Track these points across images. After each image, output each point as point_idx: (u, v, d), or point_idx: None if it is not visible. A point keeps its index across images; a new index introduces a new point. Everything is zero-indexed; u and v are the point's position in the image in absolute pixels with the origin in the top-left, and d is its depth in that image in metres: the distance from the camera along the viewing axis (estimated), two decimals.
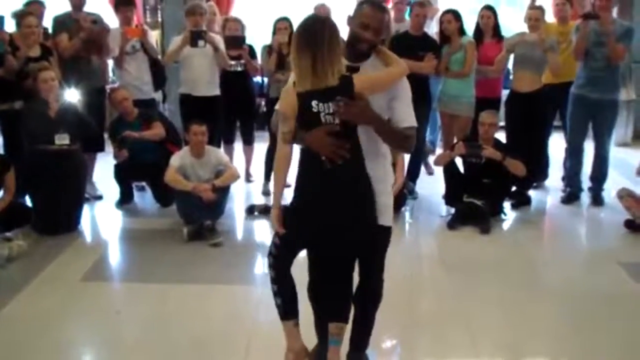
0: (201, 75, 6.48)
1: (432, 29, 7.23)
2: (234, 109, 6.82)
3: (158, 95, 7.29)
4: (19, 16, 5.94)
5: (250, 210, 6.13)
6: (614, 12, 6.55)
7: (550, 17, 7.52)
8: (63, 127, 5.53)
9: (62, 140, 5.52)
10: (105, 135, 6.55)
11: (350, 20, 3.01)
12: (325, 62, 2.79)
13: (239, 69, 6.77)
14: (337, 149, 2.84)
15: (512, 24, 8.35)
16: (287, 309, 3.16)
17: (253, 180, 7.15)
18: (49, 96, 5.52)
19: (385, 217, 3.08)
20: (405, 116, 2.99)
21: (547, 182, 6.94)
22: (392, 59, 3.00)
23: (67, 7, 6.45)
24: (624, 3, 8.50)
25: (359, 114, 2.82)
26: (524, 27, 6.30)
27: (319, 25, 2.86)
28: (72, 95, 5.98)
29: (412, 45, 6.14)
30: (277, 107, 3.13)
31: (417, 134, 3.07)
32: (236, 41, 6.60)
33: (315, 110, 2.84)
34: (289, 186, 3.06)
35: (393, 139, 3.00)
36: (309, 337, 3.33)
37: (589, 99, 6.16)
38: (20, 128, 5.67)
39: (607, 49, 5.96)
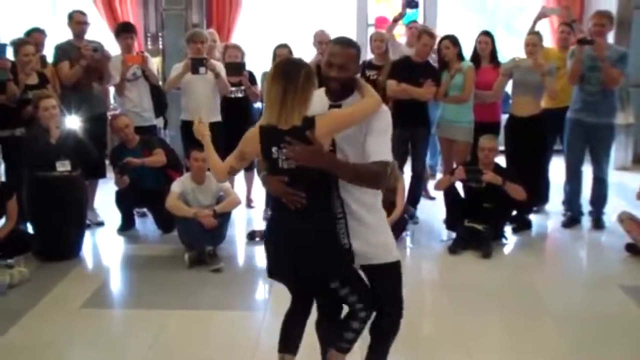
0: (202, 102, 6.49)
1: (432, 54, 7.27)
2: (234, 134, 6.74)
3: (159, 122, 7.33)
4: (17, 45, 6.00)
5: (251, 236, 6.13)
6: (611, 38, 6.60)
7: (549, 43, 7.61)
8: (64, 153, 5.55)
9: (63, 166, 5.53)
10: (107, 162, 6.57)
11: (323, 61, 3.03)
12: (295, 99, 2.81)
13: (240, 95, 6.81)
14: (290, 196, 2.88)
15: (509, 49, 8.41)
16: (280, 342, 3.25)
17: (254, 206, 7.16)
18: (50, 124, 5.54)
19: (385, 254, 3.08)
20: (374, 150, 2.89)
21: (548, 206, 6.95)
22: (366, 92, 2.95)
23: (69, 35, 6.51)
24: (621, 28, 8.56)
25: (310, 158, 2.77)
26: (521, 53, 6.35)
27: (295, 66, 2.90)
28: (73, 122, 6.01)
29: (413, 71, 6.19)
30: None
31: (418, 159, 3.04)
32: (236, 68, 6.64)
33: (274, 156, 2.89)
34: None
35: (357, 178, 2.92)
36: None
37: (585, 123, 6.20)
38: (21, 155, 5.69)
39: (602, 73, 6.00)
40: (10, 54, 5.97)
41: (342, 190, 2.99)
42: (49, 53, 6.55)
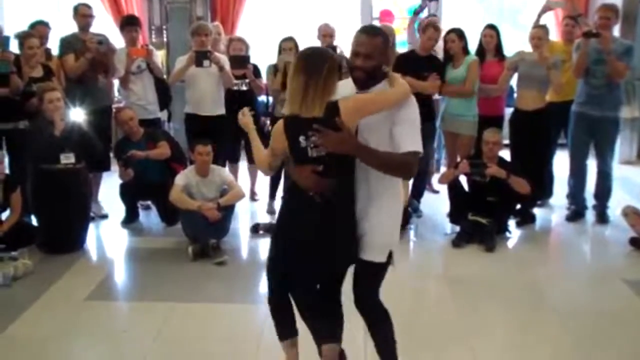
0: (206, 95, 6.51)
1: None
2: (239, 128, 6.80)
3: (163, 115, 7.33)
4: (22, 37, 6.00)
5: (255, 229, 6.13)
6: (616, 31, 6.58)
7: (554, 37, 7.58)
8: (68, 146, 5.56)
9: (68, 159, 5.54)
10: (111, 155, 6.58)
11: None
12: (317, 92, 2.83)
13: (244, 88, 6.80)
14: (321, 186, 2.88)
15: (514, 43, 8.38)
16: (279, 331, 3.30)
17: (258, 199, 7.16)
18: (55, 116, 5.55)
19: (371, 252, 3.05)
20: (404, 141, 2.89)
21: (552, 200, 6.94)
22: (395, 83, 2.96)
23: (73, 28, 6.51)
24: (627, 22, 8.53)
25: (339, 143, 2.79)
26: (526, 46, 6.33)
27: (320, 58, 2.91)
28: (78, 115, 6.01)
29: (418, 64, 6.17)
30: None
31: (422, 152, 3.01)
32: (241, 61, 6.64)
33: (303, 145, 2.89)
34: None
35: (386, 167, 2.92)
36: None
37: (590, 116, 6.18)
38: (25, 148, 5.70)
39: (607, 66, 5.98)
40: (15, 47, 5.98)
41: (358, 181, 2.99)
42: (53, 46, 6.56)
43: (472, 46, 6.57)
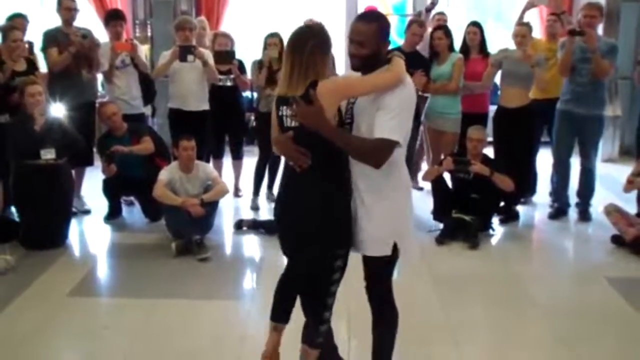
0: (190, 90, 6.48)
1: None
2: (223, 123, 6.82)
3: (147, 110, 7.29)
4: (5, 30, 5.94)
5: (239, 225, 6.11)
6: (600, 30, 6.62)
7: (538, 34, 7.61)
8: (49, 141, 5.50)
9: (48, 154, 5.49)
10: (94, 150, 6.54)
11: None
12: (301, 71, 2.84)
13: (229, 83, 6.78)
14: (296, 155, 2.88)
15: (499, 40, 8.41)
16: (272, 309, 3.15)
17: (242, 195, 7.14)
18: (34, 111, 5.49)
19: (370, 247, 3.00)
20: (378, 127, 2.78)
21: (535, 198, 6.97)
22: (390, 66, 2.88)
23: (57, 22, 6.45)
24: (609, 21, 8.58)
25: (308, 117, 2.77)
26: (510, 43, 6.35)
27: (305, 35, 2.90)
28: (59, 110, 5.95)
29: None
30: None
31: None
32: (226, 56, 6.61)
33: (281, 113, 2.93)
34: None
35: (353, 151, 2.84)
36: None
37: (575, 114, 6.21)
38: (6, 142, 5.65)
39: (592, 65, 6.00)
40: None
41: (352, 166, 2.95)
42: (33, 39, 6.47)
43: (456, 44, 6.59)
